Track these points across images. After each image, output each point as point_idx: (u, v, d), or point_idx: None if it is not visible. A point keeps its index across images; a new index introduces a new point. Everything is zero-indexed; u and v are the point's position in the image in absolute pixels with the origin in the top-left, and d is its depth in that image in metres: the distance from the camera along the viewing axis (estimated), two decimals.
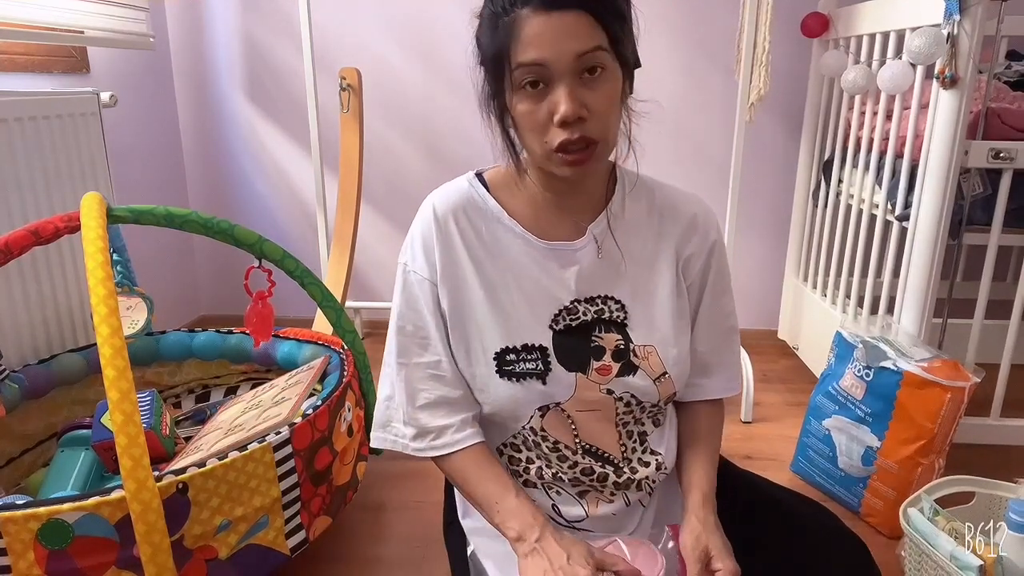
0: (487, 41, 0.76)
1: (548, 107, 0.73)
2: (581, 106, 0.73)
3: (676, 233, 0.88)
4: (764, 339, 2.32)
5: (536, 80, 0.73)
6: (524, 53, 0.72)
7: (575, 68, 0.72)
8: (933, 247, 1.45)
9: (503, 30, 0.73)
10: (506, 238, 0.85)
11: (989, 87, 1.43)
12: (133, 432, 0.84)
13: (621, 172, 0.89)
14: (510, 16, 0.72)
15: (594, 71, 0.73)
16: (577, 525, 0.87)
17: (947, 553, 1.02)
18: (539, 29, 0.71)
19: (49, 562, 0.88)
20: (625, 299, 0.86)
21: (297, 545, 1.07)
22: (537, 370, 0.82)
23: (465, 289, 0.84)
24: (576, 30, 0.71)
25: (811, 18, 1.92)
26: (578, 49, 0.71)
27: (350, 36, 2.21)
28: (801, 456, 1.53)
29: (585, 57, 0.72)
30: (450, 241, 0.84)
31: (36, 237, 1.08)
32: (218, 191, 2.42)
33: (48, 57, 1.75)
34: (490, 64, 0.77)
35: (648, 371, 0.84)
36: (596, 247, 0.85)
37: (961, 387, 1.29)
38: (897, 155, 1.60)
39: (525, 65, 0.72)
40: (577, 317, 0.84)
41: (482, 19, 0.77)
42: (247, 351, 1.57)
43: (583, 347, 0.84)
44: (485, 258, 0.84)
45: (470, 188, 0.87)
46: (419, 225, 0.86)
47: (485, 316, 0.83)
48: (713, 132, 2.19)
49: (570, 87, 0.72)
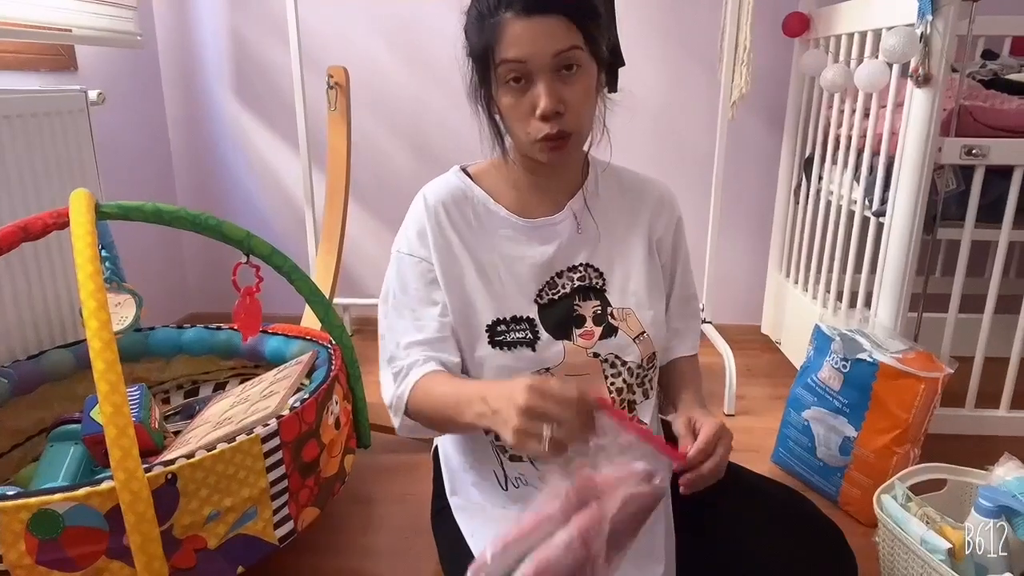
0: (474, 39, 0.84)
1: (530, 101, 0.82)
2: (559, 101, 0.81)
3: (646, 211, 0.98)
4: (747, 334, 2.35)
5: (518, 76, 0.81)
6: (507, 51, 0.80)
7: (553, 65, 0.80)
8: (908, 242, 1.49)
9: (488, 30, 0.81)
10: (492, 222, 0.93)
11: (962, 85, 1.47)
12: (122, 423, 0.86)
13: (592, 158, 0.98)
14: (495, 18, 0.80)
15: (571, 68, 0.81)
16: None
17: (917, 537, 1.05)
18: (520, 31, 0.79)
19: (40, 552, 0.89)
20: (602, 266, 0.94)
21: (285, 535, 1.08)
22: (527, 339, 0.89)
23: (458, 271, 0.91)
24: (553, 32, 0.79)
25: (792, 18, 1.95)
26: (555, 48, 0.79)
27: (338, 34, 2.22)
28: (781, 447, 1.56)
29: (562, 56, 0.80)
30: (442, 228, 0.92)
31: (25, 233, 1.08)
32: (206, 188, 2.42)
33: (36, 55, 1.75)
34: (477, 59, 0.85)
35: (627, 331, 0.92)
36: (575, 222, 0.94)
37: (935, 378, 1.32)
38: (874, 152, 1.64)
39: (508, 61, 0.80)
40: (558, 291, 0.92)
41: (470, 16, 0.85)
42: (236, 347, 1.58)
43: (566, 317, 0.91)
44: (474, 241, 0.92)
45: (457, 179, 0.96)
46: (412, 215, 0.94)
47: (477, 293, 0.91)
48: (696, 130, 2.22)
49: (548, 83, 0.80)
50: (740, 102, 1.87)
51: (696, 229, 1.55)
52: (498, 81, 0.83)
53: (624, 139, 0.98)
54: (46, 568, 0.90)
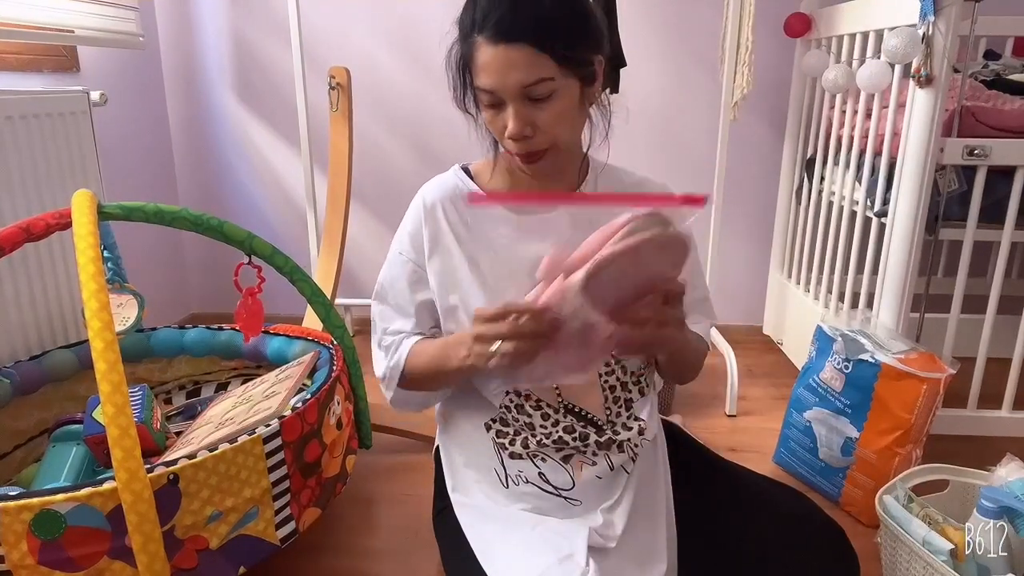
0: (460, 53, 0.87)
1: (503, 120, 0.84)
2: (526, 125, 0.83)
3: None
4: (749, 334, 2.35)
5: (491, 101, 0.84)
6: (479, 78, 0.83)
7: (521, 95, 0.82)
8: (910, 242, 1.49)
9: (467, 48, 0.84)
10: (487, 219, 0.95)
11: (964, 86, 1.47)
12: (124, 423, 0.86)
13: (592, 158, 0.99)
14: (470, 40, 0.83)
15: (541, 96, 0.82)
16: (565, 493, 0.92)
17: (920, 538, 1.05)
18: (489, 59, 0.81)
19: (42, 552, 0.89)
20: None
21: (287, 536, 1.09)
22: None
23: (453, 266, 0.93)
24: (520, 62, 0.80)
25: (794, 18, 1.95)
26: (522, 81, 0.81)
27: (339, 35, 2.22)
28: (783, 447, 1.56)
29: (529, 88, 0.81)
30: (437, 226, 0.94)
31: (27, 234, 1.09)
32: (208, 189, 2.43)
33: (38, 56, 1.75)
34: (462, 71, 0.88)
35: None
36: (571, 220, 0.94)
37: (937, 378, 1.32)
38: (876, 153, 1.64)
39: (481, 89, 0.84)
40: None
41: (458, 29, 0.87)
42: (237, 347, 1.58)
43: None
44: (468, 238, 0.94)
45: (455, 178, 0.98)
46: (410, 214, 0.98)
47: (471, 287, 0.92)
48: (697, 130, 2.22)
49: (517, 109, 0.83)
50: (742, 103, 1.87)
51: (697, 230, 1.55)
52: (478, 97, 0.87)
53: (625, 139, 0.99)
54: (48, 568, 0.90)
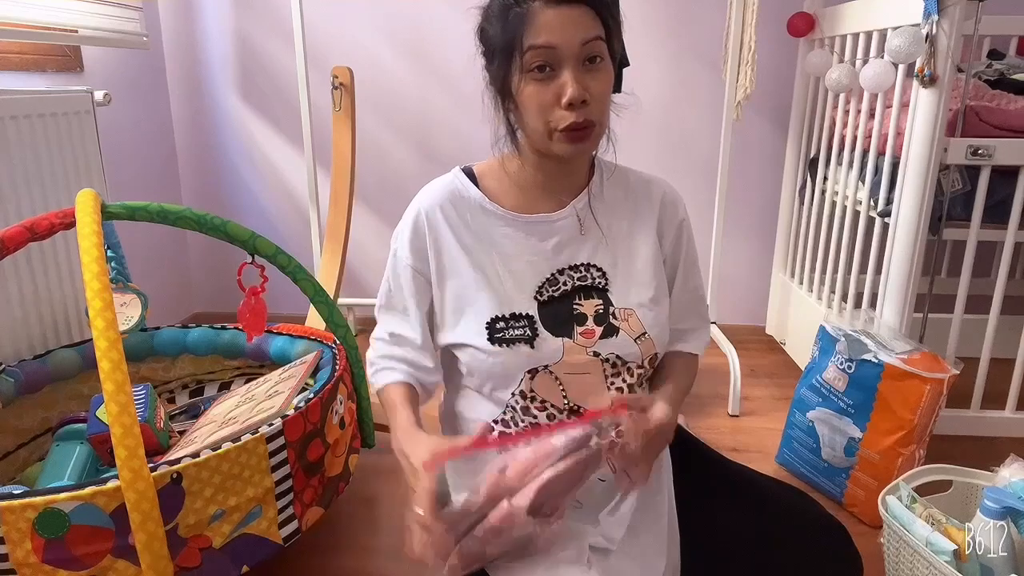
0: (496, 30, 0.85)
1: (555, 90, 0.82)
2: (584, 90, 0.82)
3: (651, 212, 0.97)
4: (752, 334, 2.35)
5: (544, 64, 0.82)
6: (536, 37, 0.81)
7: (580, 55, 0.82)
8: (913, 242, 1.49)
9: (515, 19, 0.82)
10: (489, 221, 0.93)
11: (968, 85, 1.46)
12: (128, 422, 0.86)
13: (599, 160, 0.98)
14: (522, 7, 0.81)
15: (595, 60, 0.83)
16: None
17: (923, 538, 1.05)
18: (550, 18, 0.81)
19: (46, 551, 0.89)
20: (605, 266, 0.94)
21: (290, 535, 1.09)
22: (525, 336, 0.89)
23: (456, 271, 0.92)
24: (581, 20, 0.81)
25: (797, 18, 1.94)
26: (584, 36, 0.81)
27: (342, 35, 2.23)
28: (786, 448, 1.56)
29: (588, 45, 0.82)
30: (438, 230, 0.93)
31: (31, 233, 1.09)
32: (211, 189, 2.43)
33: (42, 56, 1.76)
34: (498, 51, 0.85)
35: (628, 331, 0.91)
36: (577, 221, 0.94)
37: (940, 379, 1.32)
38: (879, 152, 1.63)
39: (536, 48, 0.81)
40: (559, 288, 0.92)
41: (490, 11, 0.86)
42: (240, 346, 1.58)
43: (566, 315, 0.91)
44: (471, 241, 0.93)
45: (454, 180, 0.96)
46: (409, 217, 0.95)
47: (476, 292, 0.91)
48: (701, 130, 2.22)
49: (575, 72, 0.82)
50: (745, 102, 1.87)
51: (700, 229, 1.55)
52: (522, 70, 0.83)
53: (628, 139, 0.98)
54: (52, 567, 0.90)
